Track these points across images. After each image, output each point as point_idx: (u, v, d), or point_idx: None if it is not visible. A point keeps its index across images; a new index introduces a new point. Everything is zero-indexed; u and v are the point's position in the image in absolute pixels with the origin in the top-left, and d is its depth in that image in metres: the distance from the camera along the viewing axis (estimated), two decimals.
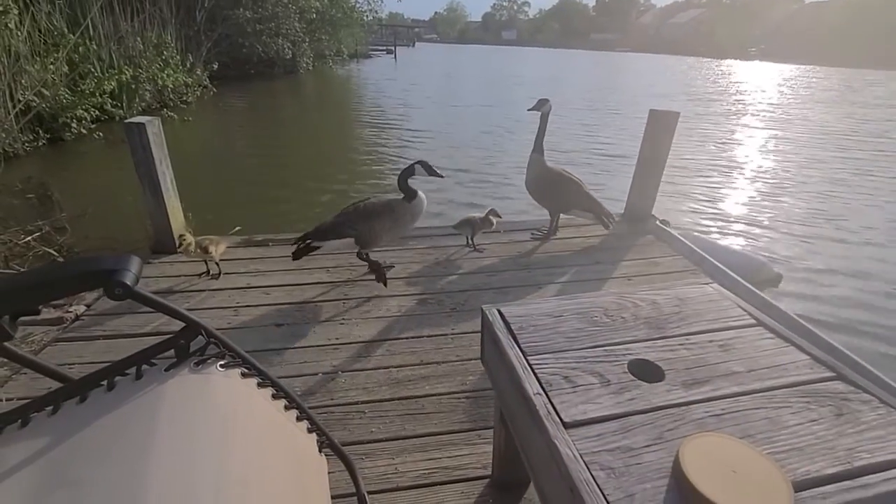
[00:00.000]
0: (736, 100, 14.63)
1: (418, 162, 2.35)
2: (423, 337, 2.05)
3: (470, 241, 2.90)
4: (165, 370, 0.88)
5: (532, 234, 3.11)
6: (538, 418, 0.81)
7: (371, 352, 1.96)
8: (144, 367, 0.87)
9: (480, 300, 2.36)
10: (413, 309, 2.28)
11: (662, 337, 1.03)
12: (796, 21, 56.15)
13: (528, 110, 2.88)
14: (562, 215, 3.06)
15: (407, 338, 2.05)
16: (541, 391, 0.86)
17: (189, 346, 0.93)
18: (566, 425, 0.79)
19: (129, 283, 0.75)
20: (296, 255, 2.33)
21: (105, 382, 0.83)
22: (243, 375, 0.98)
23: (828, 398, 0.85)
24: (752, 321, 1.09)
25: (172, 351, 0.93)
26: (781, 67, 33.15)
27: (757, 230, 4.42)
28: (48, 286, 0.75)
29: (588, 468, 0.70)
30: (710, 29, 61.96)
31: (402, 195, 2.37)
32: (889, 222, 4.68)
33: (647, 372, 0.92)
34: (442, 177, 2.41)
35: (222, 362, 0.96)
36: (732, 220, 4.71)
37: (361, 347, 1.98)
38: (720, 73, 26.88)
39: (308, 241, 2.29)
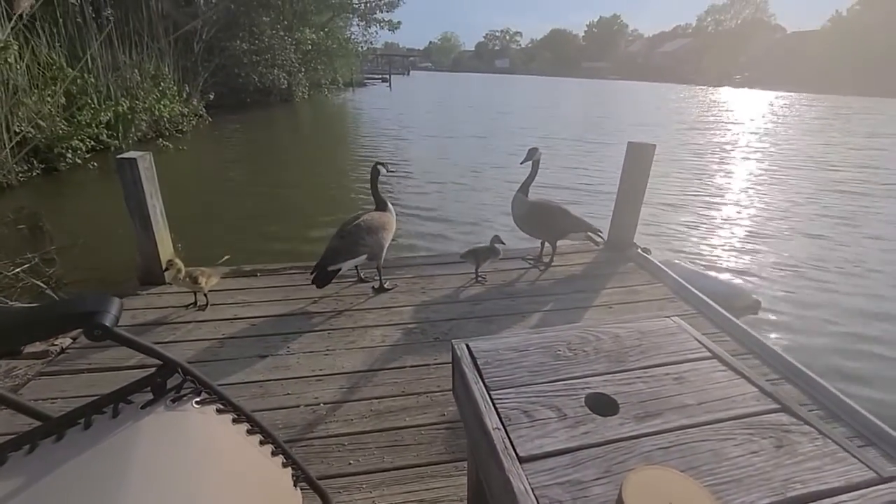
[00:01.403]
0: (721, 128, 15.04)
1: (377, 164, 2.68)
2: (405, 367, 2.09)
3: (476, 271, 2.95)
4: (142, 408, 0.91)
5: (530, 262, 3.18)
6: (496, 453, 0.85)
7: (354, 383, 1.98)
8: (121, 405, 0.91)
9: (464, 329, 2.40)
10: (397, 339, 2.31)
11: (621, 370, 1.08)
12: (780, 50, 58.18)
13: (521, 163, 2.97)
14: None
15: (390, 368, 2.08)
16: (500, 426, 0.90)
17: (166, 383, 0.97)
18: (521, 459, 0.83)
19: (108, 324, 0.80)
20: (320, 283, 2.42)
21: (82, 421, 0.87)
22: (219, 411, 1.02)
23: (770, 430, 0.90)
24: (708, 354, 1.14)
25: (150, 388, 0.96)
26: (766, 94, 34.20)
27: (737, 257, 4.51)
28: (26, 329, 0.80)
29: (538, 501, 0.74)
30: (697, 57, 64.04)
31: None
32: (872, 249, 4.79)
33: (602, 405, 0.97)
34: (393, 172, 2.79)
35: (198, 399, 0.99)
36: (713, 247, 4.81)
37: (344, 379, 2.01)
38: (709, 100, 27.66)
39: (328, 268, 2.39)
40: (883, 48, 44.50)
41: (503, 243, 2.94)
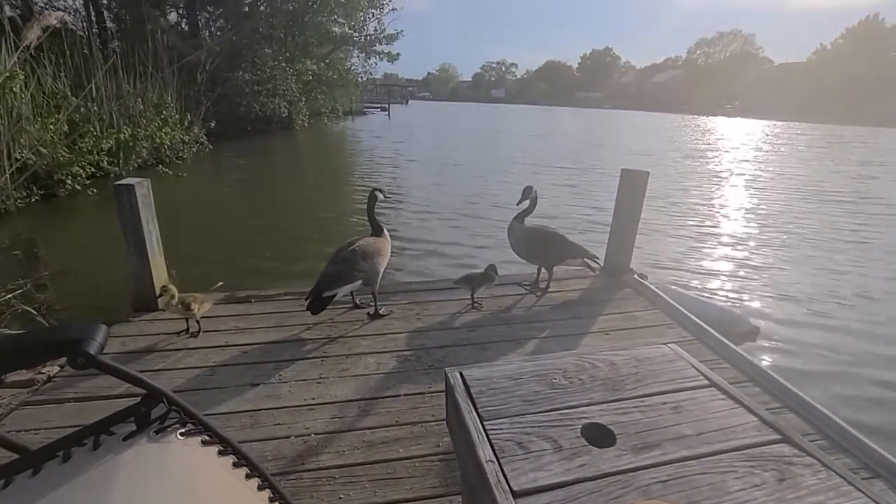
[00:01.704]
0: (716, 155, 15.32)
1: (374, 190, 2.71)
2: (399, 396, 2.04)
3: (471, 297, 2.93)
4: (123, 440, 0.88)
5: (527, 288, 3.17)
6: (489, 487, 0.82)
7: (346, 412, 1.94)
8: (103, 436, 0.88)
9: (459, 357, 2.36)
10: (391, 366, 2.28)
11: (617, 399, 1.05)
12: (768, 80, 59.95)
13: (518, 203, 3.00)
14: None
15: (383, 397, 2.04)
16: (493, 458, 0.87)
17: (150, 413, 0.94)
18: (515, 494, 0.80)
19: (92, 352, 0.78)
20: (315, 309, 2.40)
21: (61, 454, 0.84)
22: (204, 443, 0.99)
23: (772, 462, 0.87)
24: (706, 382, 1.12)
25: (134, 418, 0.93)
26: (757, 123, 35.03)
27: (734, 284, 4.51)
28: (9, 358, 0.78)
29: None
30: (689, 87, 65.84)
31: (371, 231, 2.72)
32: (872, 277, 4.80)
33: (599, 436, 0.94)
34: (389, 198, 2.85)
35: (183, 430, 0.96)
36: (710, 273, 4.81)
37: (337, 408, 1.96)
38: (702, 129, 28.25)
39: (323, 294, 2.37)
40: (866, 80, 46.01)
41: (496, 274, 2.93)
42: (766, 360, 3.09)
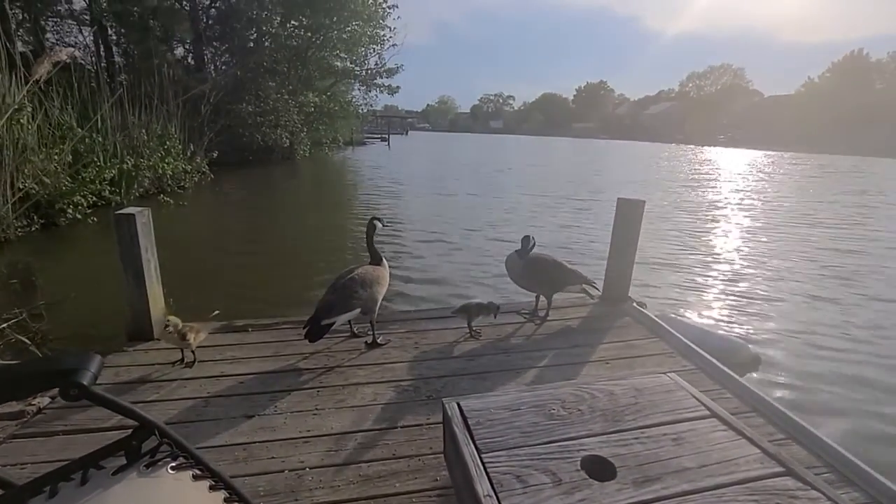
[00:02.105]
0: (712, 185, 15.54)
1: (373, 219, 2.73)
2: (396, 428, 2.00)
3: (469, 326, 2.91)
4: (112, 474, 0.87)
5: (526, 316, 3.15)
6: None
7: (342, 445, 1.89)
8: (91, 470, 0.86)
9: (458, 387, 2.33)
10: (389, 397, 2.24)
11: (617, 430, 1.04)
12: (758, 112, 61.47)
13: (518, 252, 2.97)
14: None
15: (380, 429, 1.99)
16: (491, 493, 0.86)
17: (140, 446, 0.92)
18: None
19: (85, 382, 0.77)
20: (312, 338, 2.36)
21: (47, 489, 0.82)
22: (195, 477, 0.97)
23: (776, 496, 0.85)
24: (706, 412, 1.11)
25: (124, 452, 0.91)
26: (750, 153, 35.68)
27: (734, 313, 4.49)
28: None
29: None
30: (682, 119, 67.39)
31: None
32: (871, 308, 4.80)
33: (599, 469, 0.93)
34: (388, 227, 2.86)
35: (174, 464, 0.94)
36: (709, 302, 4.80)
37: (332, 440, 1.92)
38: (696, 159, 28.74)
39: (321, 322, 2.35)
40: (854, 112, 47.28)
41: (498, 308, 2.87)
42: (768, 390, 3.04)
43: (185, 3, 16.50)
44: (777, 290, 5.13)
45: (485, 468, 0.92)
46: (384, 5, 19.45)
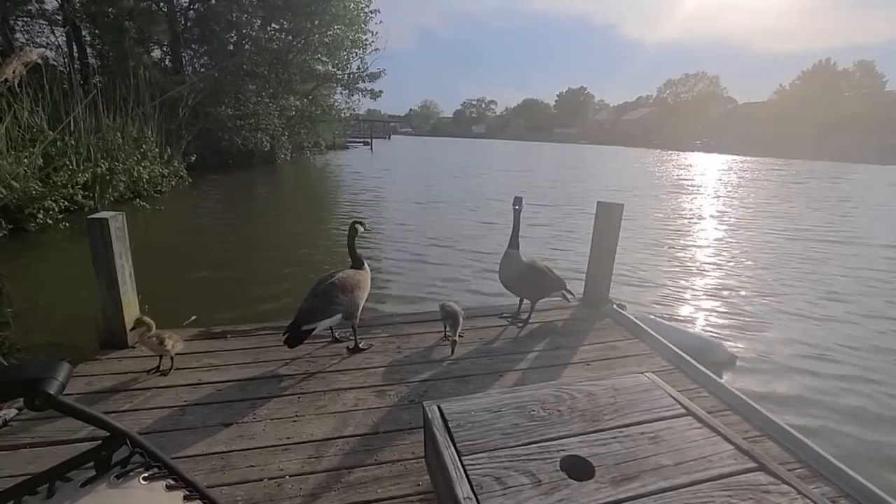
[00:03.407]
0: (691, 189, 15.88)
1: (354, 222, 2.71)
2: (378, 433, 1.98)
3: (444, 331, 2.86)
4: (81, 486, 0.84)
5: (508, 319, 3.16)
6: None
7: (323, 452, 1.87)
8: (58, 483, 0.83)
9: (440, 391, 2.32)
10: (370, 402, 2.22)
11: (596, 430, 1.05)
12: (733, 118, 63.23)
13: (515, 207, 3.02)
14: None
15: (362, 434, 1.98)
16: (471, 495, 0.86)
17: (111, 457, 0.89)
18: None
19: (52, 391, 0.74)
20: (292, 344, 2.33)
21: (11, 503, 0.79)
22: (168, 488, 0.94)
23: (748, 490, 0.87)
24: (683, 411, 1.13)
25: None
26: (725, 157, 36.66)
27: (713, 312, 4.60)
28: None
29: None
30: (660, 125, 68.86)
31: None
32: (841, 301, 4.96)
33: (578, 469, 0.93)
34: (370, 230, 2.79)
35: (146, 474, 0.92)
36: (689, 302, 4.90)
37: (313, 447, 1.89)
38: (674, 163, 29.38)
39: (301, 328, 2.32)
40: (824, 118, 49.12)
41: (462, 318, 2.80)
42: (744, 388, 3.11)
43: (162, 4, 16.21)
44: (753, 291, 5.26)
45: (465, 470, 0.92)
46: (366, 10, 19.43)
